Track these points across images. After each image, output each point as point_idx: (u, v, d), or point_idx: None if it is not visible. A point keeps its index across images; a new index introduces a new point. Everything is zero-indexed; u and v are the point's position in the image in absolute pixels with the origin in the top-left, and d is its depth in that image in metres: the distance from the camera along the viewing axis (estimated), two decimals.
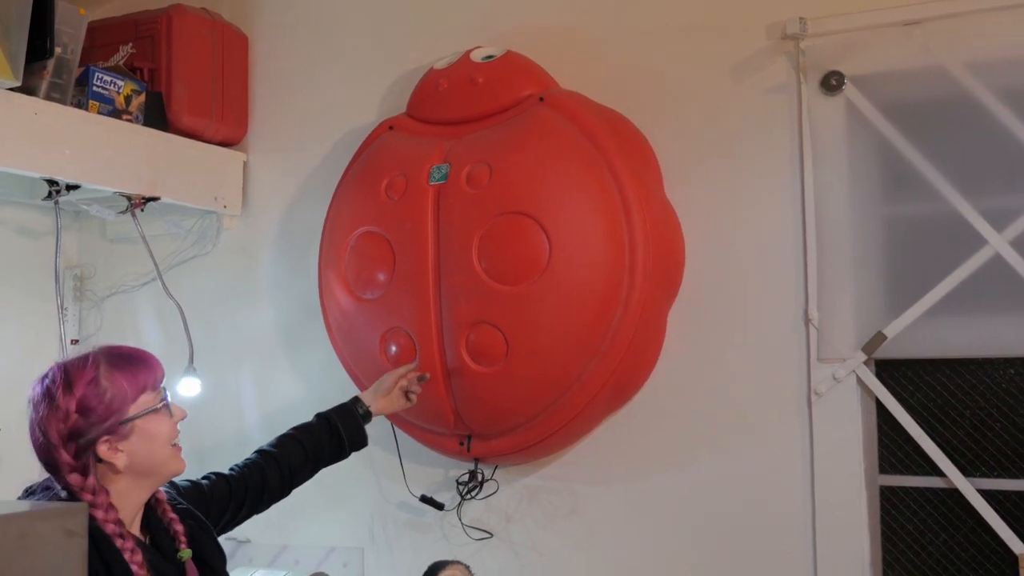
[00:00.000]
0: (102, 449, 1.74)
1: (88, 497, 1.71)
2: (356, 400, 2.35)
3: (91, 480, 1.72)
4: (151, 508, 1.85)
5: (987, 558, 2.28)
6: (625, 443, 2.57)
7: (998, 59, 2.24)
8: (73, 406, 1.73)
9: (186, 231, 3.13)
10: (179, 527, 1.85)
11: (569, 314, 2.35)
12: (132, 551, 1.71)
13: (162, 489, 1.89)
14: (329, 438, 2.25)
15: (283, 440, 2.21)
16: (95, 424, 1.73)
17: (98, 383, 1.75)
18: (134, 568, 1.69)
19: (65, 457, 1.72)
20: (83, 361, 1.78)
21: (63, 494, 1.73)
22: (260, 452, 2.18)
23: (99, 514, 1.70)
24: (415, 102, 2.69)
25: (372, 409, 2.34)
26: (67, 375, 1.76)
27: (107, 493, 1.73)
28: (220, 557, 1.92)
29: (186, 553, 1.83)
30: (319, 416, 2.29)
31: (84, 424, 1.73)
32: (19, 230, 3.10)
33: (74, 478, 1.71)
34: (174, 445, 1.83)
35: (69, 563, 1.21)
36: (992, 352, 2.28)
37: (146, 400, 1.78)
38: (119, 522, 1.72)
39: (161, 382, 1.83)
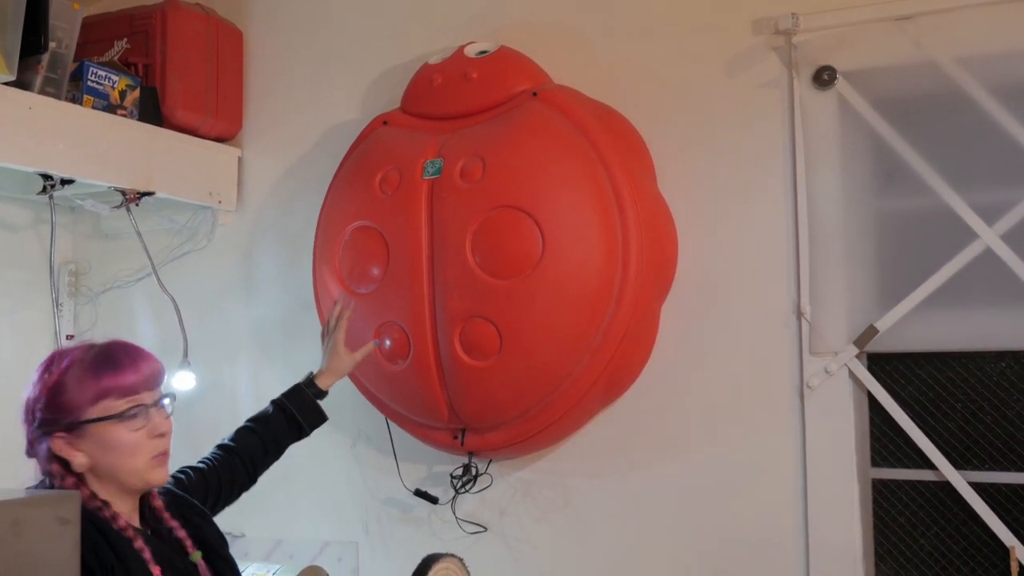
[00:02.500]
0: (57, 444, 1.71)
1: (57, 483, 1.71)
2: (310, 379, 2.27)
3: (53, 467, 1.72)
4: (148, 509, 1.83)
5: (978, 550, 2.29)
6: (618, 437, 2.58)
7: (989, 54, 2.25)
8: (44, 391, 1.74)
9: (181, 226, 3.13)
10: (181, 533, 1.82)
11: (562, 308, 2.36)
12: (130, 533, 1.71)
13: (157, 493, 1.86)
14: (287, 424, 2.21)
15: (241, 433, 2.18)
16: (54, 417, 1.72)
17: (66, 375, 1.73)
18: (136, 546, 1.69)
19: (28, 435, 1.75)
20: (71, 350, 1.77)
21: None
22: (221, 447, 2.15)
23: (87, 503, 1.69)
24: (409, 97, 2.70)
25: (321, 385, 2.26)
26: (53, 359, 1.76)
27: (77, 483, 1.72)
28: (221, 540, 1.91)
29: (196, 555, 1.81)
30: (273, 403, 2.24)
31: (45, 412, 1.72)
32: (13, 226, 3.10)
33: (34, 460, 1.74)
34: (153, 457, 1.74)
35: (62, 550, 1.22)
36: (983, 345, 2.29)
37: (108, 406, 1.71)
38: (106, 503, 1.72)
39: (140, 389, 1.74)
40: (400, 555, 2.76)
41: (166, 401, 1.81)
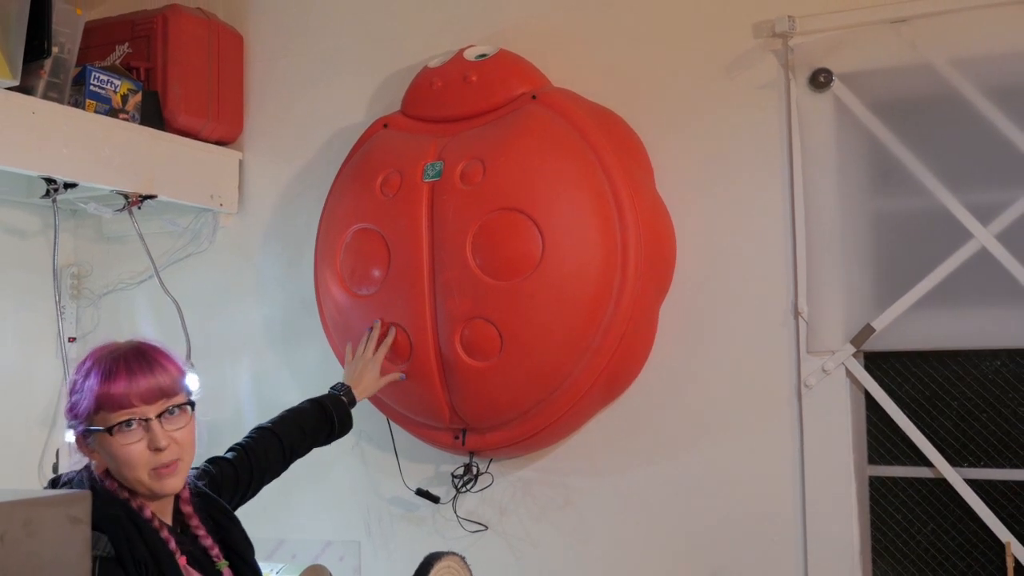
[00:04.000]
0: (78, 443, 1.74)
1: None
2: (344, 387, 2.41)
3: (92, 460, 1.75)
4: (178, 512, 1.82)
5: (974, 546, 2.32)
6: (618, 436, 2.60)
7: (984, 56, 2.27)
8: (68, 391, 1.75)
9: (182, 229, 3.15)
10: (208, 541, 1.81)
11: (562, 309, 2.38)
12: (156, 524, 1.73)
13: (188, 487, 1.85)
14: (324, 422, 2.29)
15: (282, 420, 2.23)
16: (69, 416, 1.74)
17: (79, 377, 1.73)
18: (164, 535, 1.71)
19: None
20: (96, 351, 1.76)
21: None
22: (260, 429, 2.18)
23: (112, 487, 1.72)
24: (409, 100, 2.72)
25: (356, 395, 2.41)
26: (85, 359, 1.76)
27: (108, 476, 1.73)
28: (248, 545, 1.90)
29: (223, 564, 1.81)
30: (312, 401, 2.32)
31: (66, 412, 1.75)
32: (17, 229, 3.12)
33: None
34: (154, 470, 1.71)
35: (73, 549, 1.23)
36: (979, 344, 2.31)
37: (104, 418, 1.69)
38: (133, 494, 1.73)
39: (134, 403, 1.70)
40: (402, 554, 2.78)
41: (174, 411, 1.74)
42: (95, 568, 1.59)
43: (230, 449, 2.12)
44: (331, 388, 2.42)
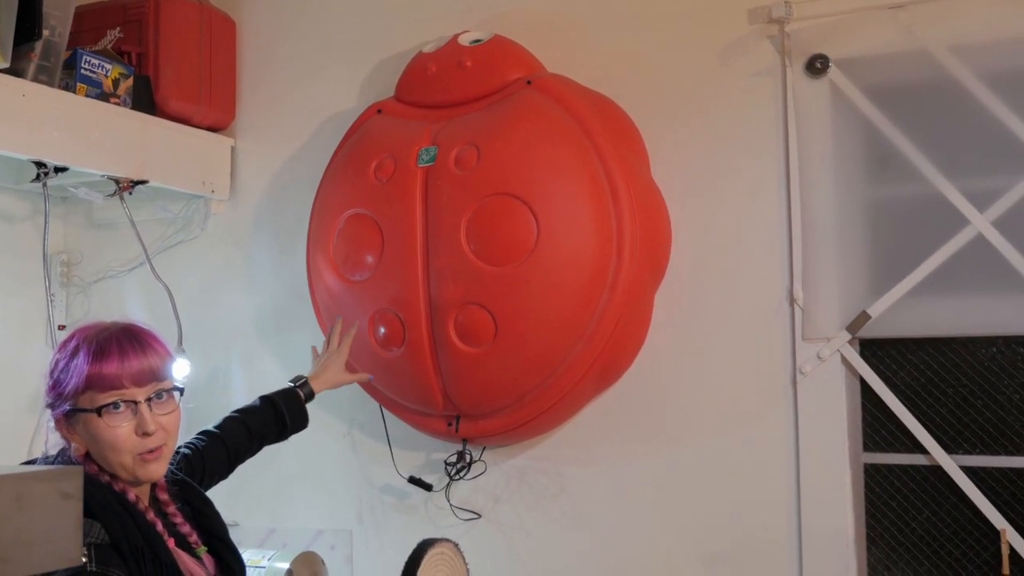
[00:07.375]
0: (57, 423, 1.70)
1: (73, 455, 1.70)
2: (302, 382, 2.36)
3: (72, 443, 1.71)
4: (155, 499, 1.80)
5: (969, 533, 2.31)
6: (612, 424, 2.59)
7: (981, 42, 2.27)
8: (49, 369, 1.72)
9: (174, 215, 3.13)
10: (186, 528, 1.79)
11: (556, 295, 2.37)
12: (142, 506, 1.71)
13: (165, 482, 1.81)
14: (274, 420, 2.25)
15: (228, 422, 2.18)
16: (52, 395, 1.70)
17: (63, 359, 1.69)
18: (150, 517, 1.69)
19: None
20: (82, 330, 1.73)
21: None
22: (205, 433, 2.13)
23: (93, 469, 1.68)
24: (403, 86, 2.70)
25: (315, 387, 2.38)
26: (68, 337, 1.73)
27: (88, 460, 1.70)
28: (223, 526, 1.88)
29: (202, 550, 1.80)
30: (262, 398, 2.27)
31: (48, 391, 1.71)
32: (6, 215, 3.10)
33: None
34: (139, 455, 1.68)
35: (64, 525, 1.22)
36: (974, 331, 2.31)
37: (91, 398, 1.66)
38: (114, 478, 1.70)
39: (125, 384, 1.67)
40: (394, 542, 2.76)
41: (163, 396, 1.72)
42: (91, 555, 1.56)
43: (184, 446, 2.07)
44: (290, 380, 2.37)
